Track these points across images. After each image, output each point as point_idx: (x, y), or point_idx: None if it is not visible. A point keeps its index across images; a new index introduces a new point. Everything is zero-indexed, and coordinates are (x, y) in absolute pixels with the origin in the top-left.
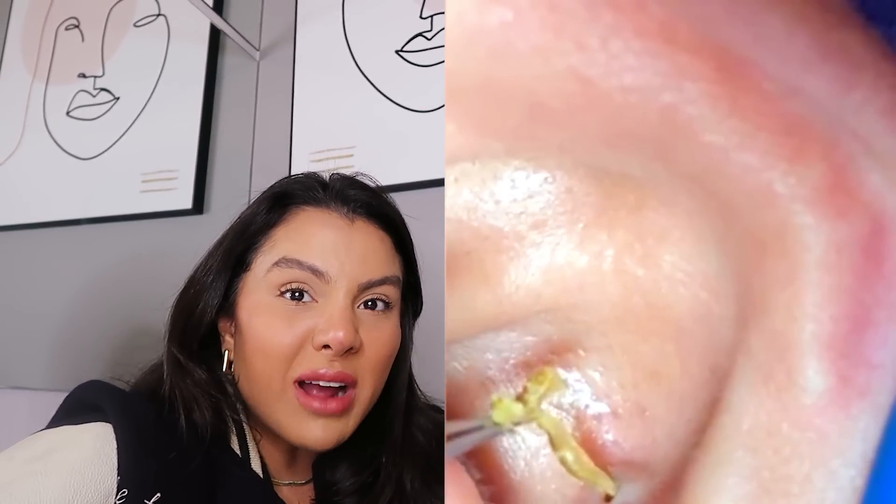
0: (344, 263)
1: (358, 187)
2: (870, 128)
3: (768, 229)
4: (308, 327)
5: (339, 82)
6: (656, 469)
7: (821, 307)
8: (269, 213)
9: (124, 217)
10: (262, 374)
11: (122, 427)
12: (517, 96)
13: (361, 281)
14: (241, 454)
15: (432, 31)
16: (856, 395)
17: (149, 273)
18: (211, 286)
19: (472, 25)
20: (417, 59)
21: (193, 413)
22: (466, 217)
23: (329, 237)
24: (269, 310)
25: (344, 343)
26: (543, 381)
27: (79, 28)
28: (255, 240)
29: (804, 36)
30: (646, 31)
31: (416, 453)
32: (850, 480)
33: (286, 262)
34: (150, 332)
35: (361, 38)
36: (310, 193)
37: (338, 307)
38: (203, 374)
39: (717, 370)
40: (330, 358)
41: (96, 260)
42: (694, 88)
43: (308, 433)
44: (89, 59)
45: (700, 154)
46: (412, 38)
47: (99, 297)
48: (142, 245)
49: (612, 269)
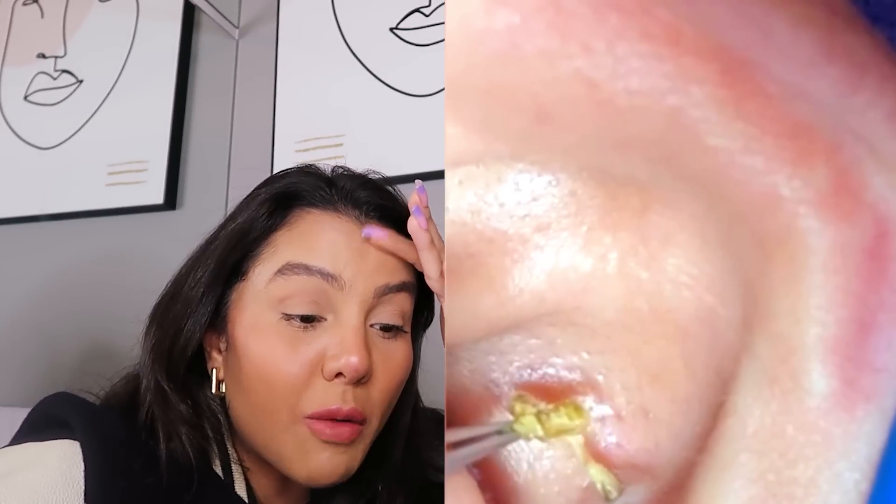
0: (359, 268)
1: (370, 188)
2: (874, 131)
3: (773, 232)
4: (317, 352)
5: (327, 63)
6: (660, 472)
7: (825, 310)
8: (270, 218)
9: (89, 213)
10: (266, 405)
11: (91, 446)
12: (522, 99)
13: (378, 285)
14: (224, 477)
15: (430, 6)
16: (860, 399)
17: (117, 275)
18: (200, 302)
19: (478, 29)
20: (414, 38)
21: (172, 443)
22: (471, 220)
23: (340, 241)
24: (270, 331)
25: (359, 370)
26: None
27: (38, 3)
28: (254, 247)
29: (809, 39)
30: (651, 34)
31: (414, 479)
32: (855, 484)
33: (291, 269)
34: (119, 341)
35: (352, 13)
36: (316, 194)
37: (351, 326)
38: (188, 409)
39: (722, 373)
40: (343, 386)
41: (58, 261)
42: (699, 91)
43: (315, 465)
44: (49, 37)
45: (705, 157)
46: (408, 15)
47: (62, 302)
48: (108, 244)
49: (616, 271)
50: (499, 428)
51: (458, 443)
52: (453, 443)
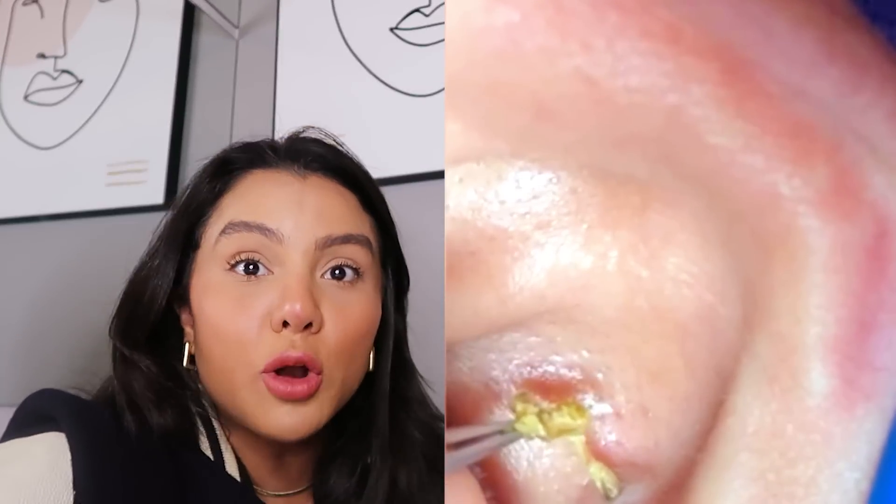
0: (298, 220)
1: (308, 142)
2: (875, 130)
3: (773, 231)
4: (265, 306)
5: (327, 63)
6: (660, 470)
7: (826, 309)
8: (212, 182)
9: (88, 213)
10: (223, 364)
11: (77, 436)
12: (522, 97)
13: (319, 236)
14: (213, 457)
15: (430, 6)
16: (861, 398)
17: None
18: (159, 269)
19: (477, 26)
20: (414, 38)
21: (150, 413)
22: (471, 217)
23: (278, 194)
24: (219, 288)
25: (301, 317)
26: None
27: (38, 3)
28: (202, 212)
29: (810, 38)
30: (651, 32)
31: (411, 449)
32: (856, 483)
33: (233, 227)
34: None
35: (352, 14)
36: (257, 156)
37: (294, 275)
38: (153, 367)
39: (722, 372)
40: (291, 335)
41: (57, 261)
42: (699, 90)
43: (275, 421)
44: (49, 37)
45: (705, 156)
46: (408, 15)
47: (60, 303)
48: (108, 244)
49: (616, 270)
50: (500, 428)
51: (459, 443)
52: (454, 443)
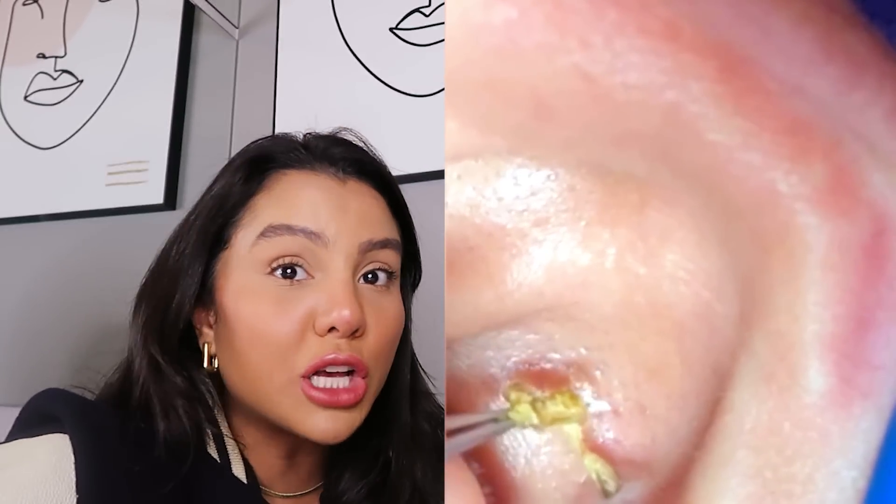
0: (341, 224)
1: (343, 145)
2: (873, 128)
3: (771, 229)
4: (307, 310)
5: (327, 63)
6: (658, 468)
7: (823, 307)
8: (247, 182)
9: (88, 213)
10: (260, 367)
11: (81, 437)
12: (521, 94)
13: (363, 240)
14: (220, 460)
15: (430, 6)
16: (858, 396)
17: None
18: (186, 273)
19: (476, 23)
20: (414, 38)
21: (169, 419)
22: (469, 214)
23: (320, 198)
24: (258, 292)
25: (351, 322)
26: (567, 404)
27: (38, 3)
28: (234, 213)
29: (809, 36)
30: (650, 29)
31: (424, 442)
32: (853, 481)
33: (273, 231)
34: (116, 339)
35: (352, 13)
36: (290, 155)
37: (339, 280)
38: (184, 382)
39: (719, 369)
40: (336, 340)
41: (57, 260)
42: (698, 87)
43: (315, 426)
44: (49, 37)
45: (703, 153)
46: (408, 15)
47: (60, 302)
48: (108, 244)
49: (614, 267)
50: (494, 416)
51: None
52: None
